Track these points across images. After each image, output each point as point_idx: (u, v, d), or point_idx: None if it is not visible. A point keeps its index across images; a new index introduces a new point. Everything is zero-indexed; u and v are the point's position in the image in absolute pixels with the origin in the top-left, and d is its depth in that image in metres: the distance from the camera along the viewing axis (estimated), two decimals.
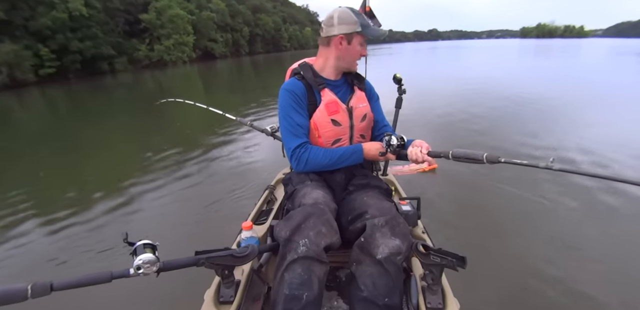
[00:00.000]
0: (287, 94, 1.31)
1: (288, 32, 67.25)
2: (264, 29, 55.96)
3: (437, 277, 1.03)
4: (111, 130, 6.63)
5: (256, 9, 54.69)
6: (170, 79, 20.21)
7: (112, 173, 4.17)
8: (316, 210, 1.06)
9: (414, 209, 1.45)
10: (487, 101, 7.12)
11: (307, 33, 79.72)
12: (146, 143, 5.43)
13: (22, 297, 0.78)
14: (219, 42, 41.99)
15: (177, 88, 14.82)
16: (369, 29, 1.27)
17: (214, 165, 4.10)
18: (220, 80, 17.45)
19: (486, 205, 2.77)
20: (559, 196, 2.82)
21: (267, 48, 58.90)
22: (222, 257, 1.01)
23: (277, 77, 15.46)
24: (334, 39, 1.29)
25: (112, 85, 18.07)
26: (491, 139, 4.58)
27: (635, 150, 3.87)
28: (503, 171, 3.17)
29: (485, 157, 1.04)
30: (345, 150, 1.29)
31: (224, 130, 5.64)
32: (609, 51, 29.32)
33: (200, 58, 37.85)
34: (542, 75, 12.33)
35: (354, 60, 1.33)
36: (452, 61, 23.25)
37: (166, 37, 31.38)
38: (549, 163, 0.97)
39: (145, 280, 1.00)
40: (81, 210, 3.01)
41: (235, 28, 47.08)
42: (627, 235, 2.27)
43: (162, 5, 30.62)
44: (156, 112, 7.53)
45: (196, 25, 35.60)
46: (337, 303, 1.26)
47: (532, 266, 1.96)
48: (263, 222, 1.53)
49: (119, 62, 27.31)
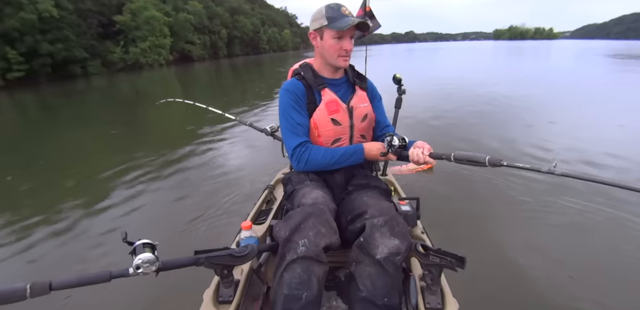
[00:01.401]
0: (287, 93, 1.32)
1: (267, 35, 66.99)
2: (243, 31, 55.55)
3: (436, 277, 1.03)
4: (90, 135, 6.41)
5: (234, 10, 54.25)
6: (147, 82, 19.63)
7: (105, 173, 4.06)
8: (315, 210, 1.06)
9: (413, 209, 1.45)
10: (461, 100, 7.39)
11: (286, 35, 79.74)
12: (133, 146, 5.33)
13: (21, 297, 0.78)
14: (197, 45, 41.40)
15: (155, 92, 14.34)
16: (335, 21, 1.22)
17: (213, 166, 4.09)
18: (198, 83, 17.02)
19: (485, 205, 2.77)
20: (559, 197, 2.80)
21: (246, 50, 58.50)
22: (222, 257, 1.01)
23: (257, 81, 15.40)
24: (310, 37, 1.31)
25: (85, 90, 17.31)
26: (458, 136, 4.77)
27: (607, 147, 4.04)
28: (503, 171, 3.19)
29: (487, 160, 1.03)
30: (346, 150, 1.29)
31: (222, 131, 5.66)
32: (577, 53, 30.64)
33: (177, 61, 37.17)
34: (517, 76, 12.77)
35: (334, 55, 1.28)
36: (430, 63, 23.76)
37: (142, 40, 30.63)
38: (551, 167, 0.97)
39: (145, 280, 0.99)
40: (68, 215, 2.94)
41: (213, 30, 46.55)
42: (633, 238, 2.24)
43: (137, 6, 29.88)
44: (139, 115, 7.37)
45: (173, 27, 34.98)
46: (337, 303, 1.26)
47: (533, 266, 1.96)
48: (262, 222, 1.53)
49: (92, 65, 26.42)
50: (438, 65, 20.96)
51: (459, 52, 39.92)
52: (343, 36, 1.25)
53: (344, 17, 1.23)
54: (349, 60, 1.34)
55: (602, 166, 3.48)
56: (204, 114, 6.37)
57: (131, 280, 0.92)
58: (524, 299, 1.72)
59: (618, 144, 4.15)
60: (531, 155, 3.85)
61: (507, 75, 13.42)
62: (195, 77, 20.96)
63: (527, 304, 1.69)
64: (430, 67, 19.18)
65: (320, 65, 1.37)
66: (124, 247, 0.91)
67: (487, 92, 8.15)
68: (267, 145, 4.46)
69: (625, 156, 3.72)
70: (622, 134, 4.68)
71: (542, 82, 10.50)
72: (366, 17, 1.89)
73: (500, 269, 1.94)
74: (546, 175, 2.88)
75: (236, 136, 5.33)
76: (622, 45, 50.96)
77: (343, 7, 1.25)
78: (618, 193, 2.70)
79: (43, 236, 2.59)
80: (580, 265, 1.98)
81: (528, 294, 1.75)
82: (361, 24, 1.22)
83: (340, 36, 1.24)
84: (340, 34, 1.24)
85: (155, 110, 7.44)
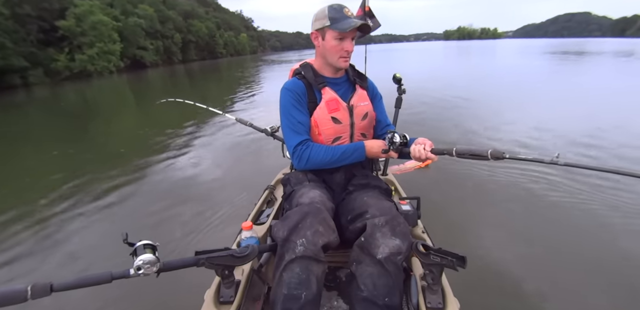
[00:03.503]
0: (288, 92, 1.33)
1: (223, 39, 65.81)
2: (198, 36, 54.16)
3: (437, 276, 1.03)
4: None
5: (188, 14, 52.76)
6: (97, 91, 18.29)
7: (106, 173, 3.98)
8: (313, 209, 1.06)
9: (413, 209, 1.46)
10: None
11: (244, 39, 78.85)
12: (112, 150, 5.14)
13: (22, 298, 0.78)
14: (149, 50, 39.67)
15: (106, 102, 13.26)
16: (338, 22, 1.23)
17: (213, 166, 4.10)
18: (153, 91, 16.18)
19: (486, 203, 2.76)
20: (562, 192, 2.81)
21: (202, 55, 57.03)
22: (222, 257, 1.00)
23: (215, 89, 14.82)
24: (311, 36, 1.32)
25: (25, 102, 15.55)
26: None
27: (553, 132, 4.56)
28: (503, 166, 3.25)
29: (490, 153, 1.03)
30: (347, 148, 1.29)
31: (223, 131, 5.70)
32: (519, 51, 33.29)
33: (129, 67, 35.30)
34: (466, 73, 13.61)
35: (335, 56, 1.29)
36: (388, 64, 24.44)
37: (89, 46, 28.79)
38: (554, 158, 0.97)
39: (146, 281, 0.98)
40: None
41: (166, 35, 44.94)
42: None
43: (81, 11, 27.99)
44: (103, 125, 6.88)
45: (123, 32, 33.25)
46: (337, 303, 1.26)
47: (535, 265, 1.95)
48: (263, 222, 1.52)
49: (33, 75, 24.29)
50: (397, 67, 21.59)
51: (414, 53, 41.36)
52: (345, 37, 1.26)
53: (346, 19, 1.24)
54: (349, 61, 1.35)
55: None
56: (204, 114, 6.59)
57: (132, 282, 0.91)
58: (525, 299, 1.71)
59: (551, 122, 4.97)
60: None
61: (463, 73, 14.16)
62: (149, 85, 19.97)
63: (528, 303, 1.68)
64: (390, 70, 19.60)
65: (320, 64, 1.38)
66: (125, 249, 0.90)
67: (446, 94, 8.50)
68: (267, 145, 4.48)
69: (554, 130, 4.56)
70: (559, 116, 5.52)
71: (494, 80, 11.27)
72: (366, 17, 1.90)
73: (502, 268, 1.92)
74: (547, 169, 3.07)
75: (236, 136, 5.33)
76: (558, 43, 55.98)
77: (345, 8, 1.26)
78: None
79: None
80: (584, 264, 1.96)
81: (529, 293, 1.74)
82: (363, 25, 1.24)
83: (342, 37, 1.25)
84: (342, 35, 1.25)
85: (131, 116, 7.01)
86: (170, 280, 1.14)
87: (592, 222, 2.39)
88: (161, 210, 2.94)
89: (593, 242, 2.19)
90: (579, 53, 24.60)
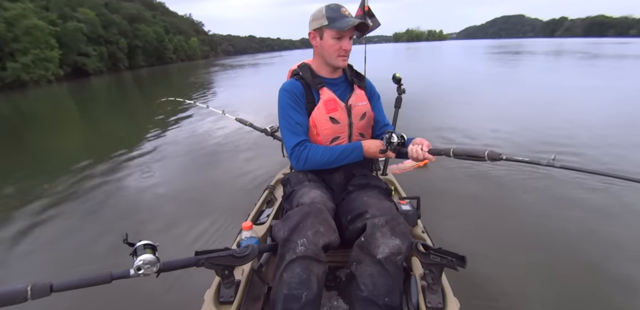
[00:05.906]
0: (286, 93, 1.32)
1: (173, 43, 63.32)
2: (145, 40, 51.51)
3: (437, 276, 1.03)
4: None
5: (133, 18, 50.11)
6: (33, 102, 16.37)
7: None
8: (313, 209, 1.06)
9: (413, 209, 1.46)
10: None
11: (194, 43, 76.50)
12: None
13: (22, 298, 0.78)
14: (92, 57, 37.23)
15: (45, 114, 11.68)
16: (335, 21, 1.24)
17: (213, 166, 4.09)
18: (98, 101, 14.55)
19: (486, 202, 2.75)
20: (560, 190, 2.81)
21: (151, 61, 54.32)
22: (222, 257, 1.00)
23: (166, 98, 13.66)
24: (309, 36, 1.32)
25: None
26: None
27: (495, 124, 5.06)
28: (501, 164, 3.23)
29: (486, 154, 1.03)
30: (345, 148, 1.30)
31: (222, 131, 5.71)
32: (464, 51, 35.79)
33: (70, 76, 32.75)
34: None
35: (334, 55, 1.30)
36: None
37: (22, 53, 26.44)
38: (550, 160, 0.96)
39: (146, 281, 0.98)
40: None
41: (110, 40, 42.42)
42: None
43: (13, 14, 25.62)
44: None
45: (61, 38, 31.02)
46: (337, 303, 1.26)
47: (535, 264, 1.95)
48: (263, 222, 1.51)
49: None
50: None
51: (369, 55, 42.44)
52: (343, 36, 1.26)
53: (344, 18, 1.25)
54: (347, 60, 1.35)
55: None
56: (202, 114, 6.95)
57: (132, 282, 0.91)
58: (525, 298, 1.70)
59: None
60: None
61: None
62: (93, 95, 18.04)
63: (529, 303, 1.68)
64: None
65: (318, 65, 1.38)
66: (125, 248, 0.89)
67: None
68: (267, 145, 4.39)
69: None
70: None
71: (440, 78, 12.15)
72: (365, 16, 1.90)
73: (502, 268, 1.91)
74: (547, 169, 3.09)
75: (236, 136, 5.29)
76: (497, 43, 60.39)
77: (343, 8, 1.27)
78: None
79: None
80: (584, 262, 1.94)
81: (530, 292, 1.73)
82: (361, 24, 1.25)
83: (340, 36, 1.26)
84: (340, 34, 1.25)
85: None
86: (170, 280, 1.12)
87: (593, 222, 2.37)
88: (161, 211, 2.93)
89: (593, 242, 2.16)
90: (515, 53, 27.13)
